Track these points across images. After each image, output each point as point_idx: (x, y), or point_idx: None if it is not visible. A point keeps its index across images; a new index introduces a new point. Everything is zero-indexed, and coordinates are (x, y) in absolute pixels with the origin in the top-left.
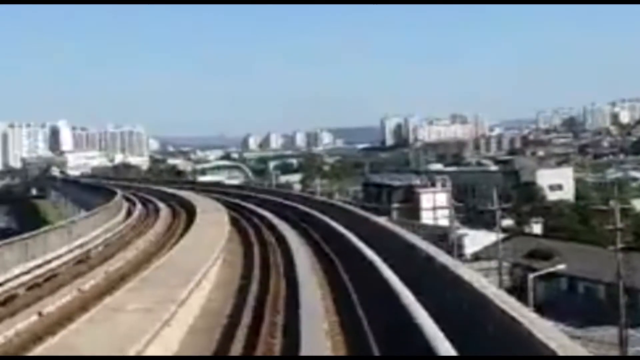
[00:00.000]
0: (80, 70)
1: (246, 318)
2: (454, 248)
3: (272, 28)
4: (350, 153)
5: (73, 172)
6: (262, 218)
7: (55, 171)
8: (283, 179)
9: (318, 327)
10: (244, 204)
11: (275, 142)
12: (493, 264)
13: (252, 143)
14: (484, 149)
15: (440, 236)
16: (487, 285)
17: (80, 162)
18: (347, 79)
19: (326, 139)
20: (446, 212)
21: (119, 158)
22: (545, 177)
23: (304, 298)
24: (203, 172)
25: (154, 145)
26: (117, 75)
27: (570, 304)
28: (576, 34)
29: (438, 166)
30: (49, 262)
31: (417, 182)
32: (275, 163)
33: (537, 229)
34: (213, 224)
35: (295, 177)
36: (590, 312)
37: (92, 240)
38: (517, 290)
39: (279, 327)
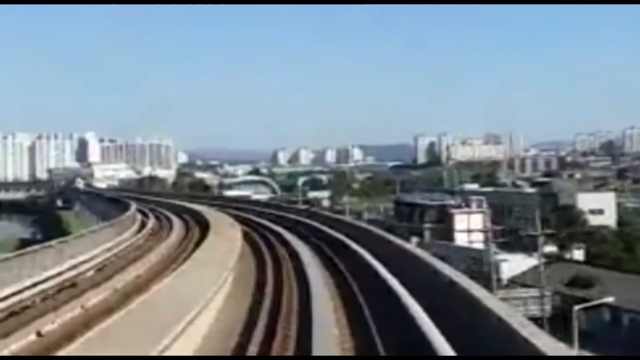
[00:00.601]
0: (110, 82)
1: None
2: (492, 273)
3: (302, 42)
4: (381, 170)
5: (99, 184)
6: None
7: (79, 183)
8: (312, 195)
9: None
10: (264, 222)
11: (305, 158)
12: (532, 291)
13: (282, 158)
14: (518, 169)
15: (474, 259)
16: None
17: (107, 174)
18: (380, 96)
19: (357, 155)
20: (481, 234)
21: (146, 171)
22: (586, 201)
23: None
24: (229, 186)
25: (183, 158)
26: (147, 87)
27: (614, 336)
28: (615, 57)
29: (473, 186)
30: (21, 291)
31: (451, 202)
32: (304, 179)
33: (578, 255)
34: (225, 245)
35: (324, 194)
36: (635, 345)
37: (87, 261)
38: (559, 320)
39: None
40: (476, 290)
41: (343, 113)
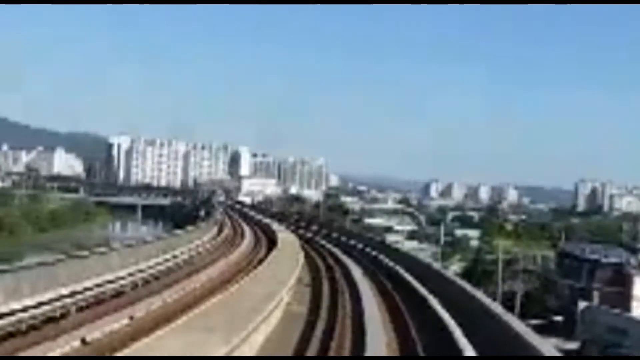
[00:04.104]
0: (271, 100)
1: None
2: None
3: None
4: (535, 213)
5: (244, 198)
6: None
7: (220, 195)
8: (460, 232)
9: None
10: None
11: (458, 192)
12: None
13: (434, 190)
14: None
15: None
16: None
17: (254, 188)
18: (539, 134)
19: (512, 195)
20: None
21: (293, 189)
22: None
23: None
24: (371, 214)
25: (334, 180)
26: (310, 107)
27: None
28: None
29: None
30: None
31: (632, 260)
32: (454, 214)
33: None
34: None
35: (474, 233)
36: None
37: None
38: None
39: None
40: None
41: (500, 148)
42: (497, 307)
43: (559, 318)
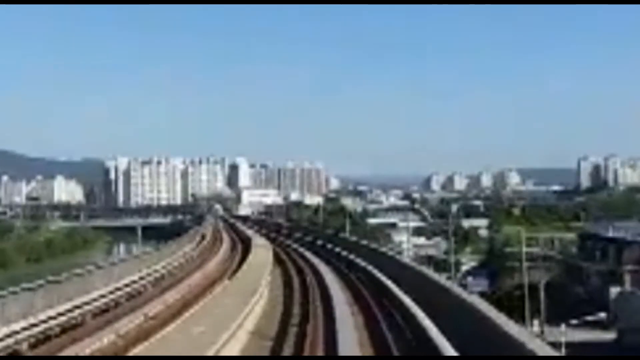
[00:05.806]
0: (265, 109)
1: None
2: None
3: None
4: (541, 196)
5: (244, 210)
6: None
7: (218, 210)
8: (466, 223)
9: None
10: None
11: (460, 183)
12: None
13: (435, 183)
14: None
15: None
16: None
17: (254, 199)
18: (539, 116)
19: (514, 179)
20: None
21: (294, 196)
22: None
23: None
24: (374, 214)
25: (335, 183)
26: (303, 112)
27: None
28: None
29: None
30: None
31: None
32: (458, 205)
33: None
34: None
35: (481, 222)
36: None
37: None
38: None
39: None
40: None
41: (499, 134)
42: None
43: (602, 315)
